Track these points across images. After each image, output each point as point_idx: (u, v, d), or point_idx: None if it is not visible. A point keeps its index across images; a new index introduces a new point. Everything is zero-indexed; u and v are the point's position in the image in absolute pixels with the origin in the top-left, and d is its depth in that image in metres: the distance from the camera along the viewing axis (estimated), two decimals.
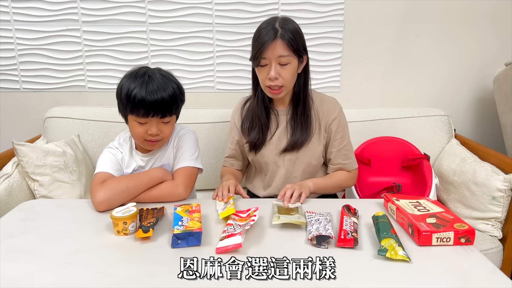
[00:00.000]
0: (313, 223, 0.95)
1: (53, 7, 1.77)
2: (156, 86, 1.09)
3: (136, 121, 1.12)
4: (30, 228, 0.97)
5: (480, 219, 1.51)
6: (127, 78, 1.13)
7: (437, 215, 0.97)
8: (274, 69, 1.17)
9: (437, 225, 0.92)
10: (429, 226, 0.91)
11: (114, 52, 1.84)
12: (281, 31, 1.16)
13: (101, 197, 1.06)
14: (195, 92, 1.91)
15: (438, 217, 0.96)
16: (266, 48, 1.15)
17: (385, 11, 1.87)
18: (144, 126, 1.13)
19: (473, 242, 0.89)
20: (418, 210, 1.01)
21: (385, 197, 1.11)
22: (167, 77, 1.15)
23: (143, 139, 1.15)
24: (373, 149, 1.75)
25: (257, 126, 1.31)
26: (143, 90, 1.08)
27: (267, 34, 1.16)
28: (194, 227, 0.90)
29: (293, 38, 1.17)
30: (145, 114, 1.09)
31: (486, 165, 1.52)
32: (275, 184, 1.35)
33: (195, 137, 1.29)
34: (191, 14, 1.81)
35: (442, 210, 1.01)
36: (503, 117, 1.76)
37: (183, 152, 1.22)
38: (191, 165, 1.20)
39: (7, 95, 1.86)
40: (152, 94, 1.08)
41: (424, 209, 1.01)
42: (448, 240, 0.89)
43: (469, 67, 1.96)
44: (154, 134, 1.13)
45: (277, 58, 1.16)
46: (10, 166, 1.42)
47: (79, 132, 1.73)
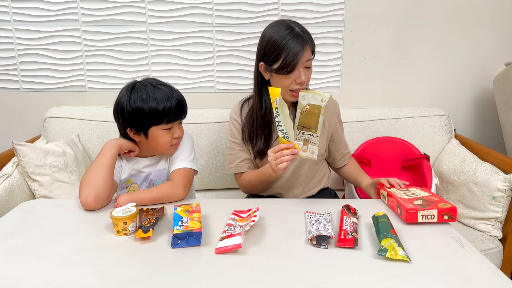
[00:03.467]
0: (313, 223, 0.95)
1: (53, 7, 1.77)
2: (168, 92, 1.15)
3: (162, 130, 1.16)
4: (30, 228, 0.97)
5: (480, 219, 1.51)
6: (131, 95, 1.13)
7: (424, 198, 1.06)
8: (304, 74, 1.17)
9: (422, 205, 1.01)
10: (416, 206, 1.01)
11: (114, 52, 1.84)
12: (306, 36, 1.17)
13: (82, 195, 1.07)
14: (195, 92, 1.91)
15: (425, 199, 1.06)
16: (301, 56, 1.15)
17: (385, 11, 1.87)
18: (170, 132, 1.17)
19: (455, 219, 0.99)
20: (407, 195, 1.10)
21: (378, 185, 1.21)
22: (162, 83, 1.19)
23: (169, 145, 1.19)
24: (373, 149, 1.75)
25: (263, 134, 1.29)
26: (161, 100, 1.12)
27: (297, 41, 1.14)
28: (194, 227, 0.90)
29: (313, 41, 1.21)
30: (169, 120, 1.15)
31: (486, 165, 1.52)
32: (279, 184, 1.34)
33: (192, 140, 1.30)
34: (191, 14, 1.81)
35: (429, 194, 1.10)
36: (503, 117, 1.76)
37: (180, 153, 1.23)
38: (188, 166, 1.21)
39: (7, 95, 1.86)
40: (170, 100, 1.14)
41: (412, 195, 1.10)
42: (433, 217, 0.98)
43: (469, 67, 1.96)
44: (180, 136, 1.20)
45: (305, 63, 1.18)
46: (10, 166, 1.42)
47: (79, 132, 1.72)
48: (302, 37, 1.16)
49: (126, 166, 1.25)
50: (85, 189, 1.07)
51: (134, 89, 1.15)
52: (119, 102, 1.16)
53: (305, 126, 1.07)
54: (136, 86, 1.15)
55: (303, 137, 1.08)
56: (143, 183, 1.27)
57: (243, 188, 1.37)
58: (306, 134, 1.08)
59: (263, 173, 1.23)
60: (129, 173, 1.25)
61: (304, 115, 1.06)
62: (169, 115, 1.14)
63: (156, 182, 1.25)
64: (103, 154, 1.14)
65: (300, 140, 1.09)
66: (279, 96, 1.02)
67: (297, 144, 1.08)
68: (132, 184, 1.26)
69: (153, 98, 1.12)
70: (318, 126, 1.05)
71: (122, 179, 1.24)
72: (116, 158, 1.16)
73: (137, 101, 1.13)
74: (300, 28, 1.19)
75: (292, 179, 1.33)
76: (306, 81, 1.19)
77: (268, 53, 1.18)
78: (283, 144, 1.08)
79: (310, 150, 1.08)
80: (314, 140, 1.07)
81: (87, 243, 0.90)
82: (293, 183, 1.34)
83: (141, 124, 1.15)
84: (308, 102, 1.06)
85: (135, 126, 1.15)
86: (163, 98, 1.13)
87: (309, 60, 1.18)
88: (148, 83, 1.16)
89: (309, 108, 1.05)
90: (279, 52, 1.16)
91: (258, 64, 1.24)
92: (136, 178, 1.26)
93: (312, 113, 1.05)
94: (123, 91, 1.17)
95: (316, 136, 1.07)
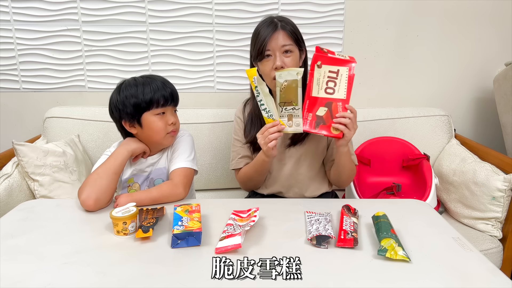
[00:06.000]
0: (313, 223, 0.95)
1: (53, 7, 1.77)
2: (162, 80, 1.21)
3: (155, 116, 1.18)
4: (30, 228, 0.97)
5: (480, 219, 1.51)
6: (120, 88, 1.19)
7: (332, 103, 1.10)
8: (279, 58, 1.19)
9: (320, 121, 1.09)
10: (313, 120, 1.09)
11: (114, 52, 1.84)
12: (281, 24, 1.21)
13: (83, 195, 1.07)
14: (195, 92, 1.91)
15: (331, 108, 1.09)
16: (269, 39, 1.19)
17: (385, 11, 1.87)
18: (163, 118, 1.19)
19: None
20: (326, 91, 1.11)
21: (317, 50, 1.13)
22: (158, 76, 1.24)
23: (165, 132, 1.20)
24: (373, 149, 1.75)
25: (256, 126, 1.30)
26: (155, 85, 1.17)
27: (268, 27, 1.20)
28: (194, 227, 0.90)
29: (294, 29, 1.23)
30: (164, 103, 1.17)
31: (486, 165, 1.52)
32: (279, 182, 1.34)
33: (192, 140, 1.30)
34: (191, 14, 1.81)
35: (343, 98, 1.10)
36: (503, 117, 1.76)
37: (180, 153, 1.23)
38: (188, 166, 1.21)
39: (7, 95, 1.86)
40: (165, 86, 1.19)
41: (331, 91, 1.10)
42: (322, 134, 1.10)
43: (469, 67, 1.96)
44: (174, 122, 1.21)
45: (281, 48, 1.19)
46: (10, 166, 1.42)
47: (79, 132, 1.73)
48: (274, 23, 1.21)
49: (128, 166, 1.25)
50: (87, 190, 1.07)
51: (123, 83, 1.20)
52: (111, 99, 1.21)
53: (286, 102, 1.10)
54: (125, 81, 1.21)
55: (286, 112, 1.11)
56: (144, 182, 1.27)
57: (242, 183, 1.39)
58: (288, 110, 1.11)
59: (257, 161, 1.26)
60: (131, 173, 1.25)
61: (284, 91, 1.10)
62: (164, 97, 1.17)
63: (157, 181, 1.25)
64: (114, 158, 1.15)
65: (284, 117, 1.12)
66: (256, 75, 1.07)
67: (282, 120, 1.12)
68: (134, 184, 1.26)
69: (140, 84, 1.17)
70: (298, 98, 1.09)
71: (123, 179, 1.25)
72: (125, 165, 1.18)
73: (124, 90, 1.18)
74: (278, 19, 1.23)
75: (291, 177, 1.33)
76: (284, 65, 1.19)
77: (251, 46, 1.25)
78: (268, 124, 1.11)
79: (295, 123, 1.11)
80: (297, 113, 1.11)
81: (87, 243, 0.90)
82: (293, 181, 1.34)
83: (133, 113, 1.16)
84: (285, 79, 1.09)
85: (128, 116, 1.17)
86: (148, 82, 1.18)
87: (286, 45, 1.20)
88: (142, 76, 1.22)
89: (286, 84, 1.09)
90: (253, 41, 1.24)
91: (251, 61, 1.29)
92: (137, 177, 1.26)
93: (290, 87, 1.09)
94: (114, 90, 1.22)
95: (298, 109, 1.10)
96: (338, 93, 1.10)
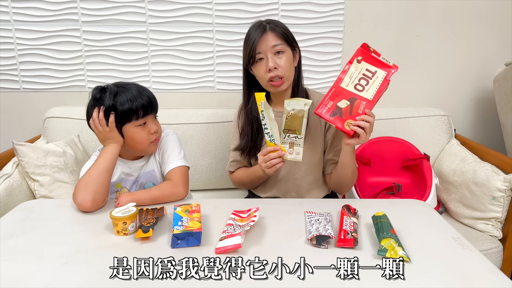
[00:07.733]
0: (313, 223, 0.95)
1: (53, 7, 1.77)
2: (138, 89, 1.16)
3: (136, 127, 1.15)
4: (30, 228, 0.97)
5: (480, 219, 1.51)
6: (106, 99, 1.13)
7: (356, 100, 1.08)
8: (271, 59, 1.19)
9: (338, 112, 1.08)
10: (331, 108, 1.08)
11: (114, 52, 1.84)
12: (269, 26, 1.22)
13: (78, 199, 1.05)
14: (195, 92, 1.91)
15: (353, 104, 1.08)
16: (258, 42, 1.19)
17: (385, 11, 1.87)
18: (145, 128, 1.17)
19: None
20: (355, 86, 1.10)
21: (363, 46, 1.12)
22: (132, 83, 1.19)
23: (149, 142, 1.18)
24: (373, 149, 1.75)
25: (248, 132, 1.32)
26: (132, 95, 1.13)
27: (256, 30, 1.21)
28: (194, 227, 0.90)
29: (283, 30, 1.23)
30: (144, 113, 1.15)
31: (486, 165, 1.52)
32: (277, 187, 1.35)
33: (177, 137, 1.30)
34: (191, 14, 1.81)
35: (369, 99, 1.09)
36: (503, 117, 1.76)
37: (170, 153, 1.23)
38: (182, 164, 1.21)
39: (7, 95, 1.86)
40: (141, 95, 1.15)
41: (360, 88, 1.10)
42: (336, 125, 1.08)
43: (469, 67, 1.96)
44: (156, 130, 1.19)
45: (272, 49, 1.20)
46: (10, 166, 1.42)
47: (79, 132, 1.72)
48: (262, 26, 1.22)
49: (115, 170, 1.21)
50: (81, 193, 1.06)
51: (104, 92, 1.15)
52: (88, 111, 1.18)
53: (290, 129, 1.12)
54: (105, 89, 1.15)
55: (288, 140, 1.13)
56: (132, 186, 1.26)
57: (235, 184, 1.44)
58: (291, 137, 1.12)
59: (254, 174, 1.30)
60: (118, 177, 1.23)
61: (289, 119, 1.12)
62: (144, 107, 1.14)
63: (147, 185, 1.25)
64: (103, 157, 1.13)
65: (286, 143, 1.13)
66: (264, 100, 1.07)
67: (284, 147, 1.13)
68: (122, 189, 1.25)
69: (126, 96, 1.13)
70: (302, 128, 1.10)
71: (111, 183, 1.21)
72: (115, 161, 1.15)
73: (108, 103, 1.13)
74: (267, 21, 1.24)
75: (288, 182, 1.33)
76: (277, 66, 1.19)
77: (243, 52, 1.26)
78: (270, 147, 1.13)
79: (296, 152, 1.13)
80: (299, 141, 1.12)
81: (87, 243, 0.90)
82: (290, 186, 1.34)
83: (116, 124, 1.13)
84: (293, 108, 1.10)
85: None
86: (135, 95, 1.13)
87: (277, 45, 1.20)
88: (115, 85, 1.16)
89: (293, 113, 1.11)
90: (244, 46, 1.25)
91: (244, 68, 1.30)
92: (125, 182, 1.25)
93: (296, 116, 1.11)
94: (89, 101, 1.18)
95: (301, 138, 1.11)
96: (366, 92, 1.10)
